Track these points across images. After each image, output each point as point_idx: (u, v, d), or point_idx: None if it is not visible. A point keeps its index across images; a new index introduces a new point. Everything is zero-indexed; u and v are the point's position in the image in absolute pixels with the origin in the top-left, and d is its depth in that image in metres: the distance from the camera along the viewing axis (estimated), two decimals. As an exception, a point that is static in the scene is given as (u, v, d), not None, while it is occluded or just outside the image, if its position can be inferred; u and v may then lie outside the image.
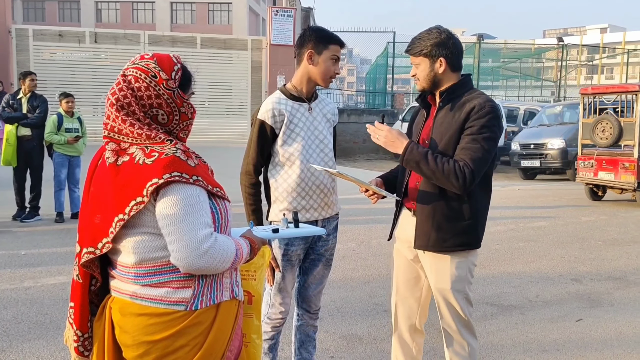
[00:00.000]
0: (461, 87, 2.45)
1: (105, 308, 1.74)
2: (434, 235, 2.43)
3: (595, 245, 6.70)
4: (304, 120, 2.66)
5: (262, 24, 41.85)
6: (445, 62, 2.40)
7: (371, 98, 25.36)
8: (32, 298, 4.50)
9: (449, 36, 2.43)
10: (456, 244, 2.44)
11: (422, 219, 2.46)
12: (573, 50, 31.77)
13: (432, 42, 2.39)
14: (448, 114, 2.41)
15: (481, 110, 2.33)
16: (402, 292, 2.68)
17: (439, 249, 2.45)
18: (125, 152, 1.66)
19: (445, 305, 2.52)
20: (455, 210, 2.41)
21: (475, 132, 2.32)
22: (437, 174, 2.31)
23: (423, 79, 2.44)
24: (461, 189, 2.31)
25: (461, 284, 2.49)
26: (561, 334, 4.01)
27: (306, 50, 2.62)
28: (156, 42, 17.66)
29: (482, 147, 2.31)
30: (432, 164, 2.31)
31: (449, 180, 2.30)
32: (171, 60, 1.73)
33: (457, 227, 2.42)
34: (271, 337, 2.78)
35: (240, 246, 1.75)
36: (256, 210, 2.66)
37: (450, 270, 2.46)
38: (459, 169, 2.28)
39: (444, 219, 2.42)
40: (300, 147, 2.63)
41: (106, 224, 1.65)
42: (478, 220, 2.46)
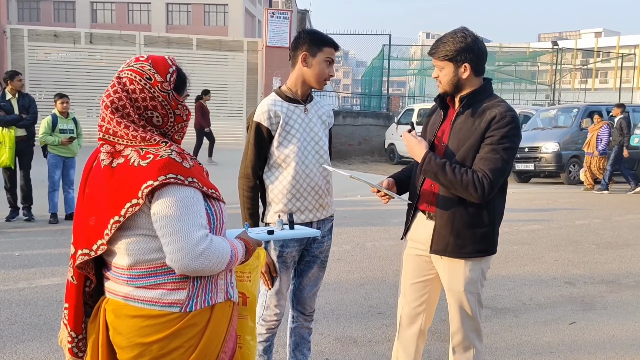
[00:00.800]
0: (481, 93, 2.44)
1: (99, 309, 1.74)
2: (453, 241, 2.44)
3: (589, 249, 6.73)
4: (300, 121, 2.67)
5: (258, 26, 41.86)
6: (469, 67, 2.38)
7: (367, 100, 25.40)
8: (26, 299, 4.48)
9: (474, 40, 2.40)
10: (474, 250, 2.45)
11: (441, 224, 2.46)
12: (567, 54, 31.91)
13: (457, 47, 2.36)
14: (468, 120, 2.41)
15: (502, 119, 2.33)
16: (408, 295, 2.68)
17: (457, 255, 2.45)
18: (120, 154, 1.67)
19: (457, 307, 2.52)
20: (474, 217, 2.42)
21: (495, 142, 2.32)
22: (455, 185, 2.32)
23: (446, 83, 2.43)
24: (479, 199, 2.33)
25: (474, 286, 2.50)
26: (554, 336, 4.03)
27: (300, 53, 2.64)
28: (152, 43, 17.65)
29: (502, 158, 2.32)
30: (450, 175, 2.32)
31: (468, 190, 2.31)
32: (166, 63, 1.73)
33: (476, 234, 2.43)
34: (266, 339, 2.78)
35: (235, 248, 1.75)
36: (253, 215, 2.66)
37: (465, 273, 2.47)
38: (477, 180, 2.29)
39: (463, 225, 2.42)
40: (296, 149, 2.63)
41: (101, 225, 1.66)
42: (495, 226, 2.48)
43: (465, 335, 2.54)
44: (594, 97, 31.54)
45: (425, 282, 2.63)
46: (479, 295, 2.53)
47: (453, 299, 2.53)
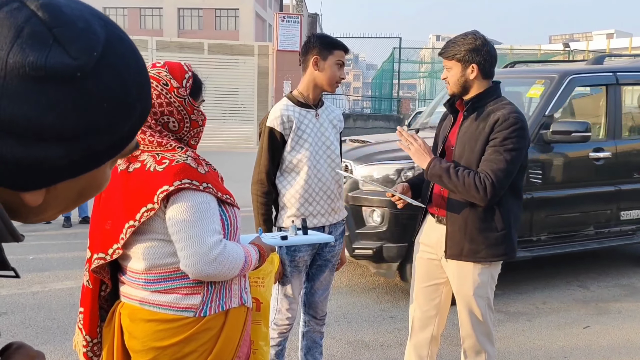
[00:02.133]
0: (486, 96, 2.43)
1: (114, 314, 1.76)
2: (467, 246, 2.43)
3: (603, 252, 6.66)
4: (312, 126, 2.68)
5: (268, 30, 42.01)
6: (477, 68, 2.39)
7: (377, 103, 25.38)
8: (39, 303, 4.52)
9: (484, 43, 2.42)
10: (490, 255, 2.44)
11: (454, 228, 2.45)
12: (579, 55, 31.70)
13: (466, 48, 2.38)
14: (473, 123, 2.41)
15: (505, 121, 2.32)
16: (420, 299, 2.68)
17: (473, 259, 2.44)
18: (136, 159, 1.68)
19: (467, 312, 2.52)
20: (487, 221, 2.41)
21: (497, 143, 2.32)
22: (458, 187, 2.32)
23: (453, 84, 2.44)
24: (483, 201, 2.32)
25: (484, 290, 2.49)
26: (568, 341, 3.99)
27: (311, 57, 2.65)
28: (164, 48, 17.77)
29: (504, 159, 2.31)
30: (453, 177, 2.32)
31: (470, 192, 2.31)
32: (182, 69, 1.75)
33: (490, 238, 2.42)
34: (278, 343, 2.79)
35: (249, 253, 1.76)
36: (267, 220, 2.67)
37: (473, 276, 2.47)
38: (479, 181, 2.29)
39: (476, 229, 2.42)
40: (308, 154, 2.64)
41: (117, 230, 1.67)
42: (511, 230, 2.46)
43: (476, 339, 2.53)
44: (607, 99, 31.23)
45: (437, 285, 2.63)
46: (489, 300, 2.52)
47: (463, 303, 2.52)
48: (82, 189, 0.66)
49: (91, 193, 0.68)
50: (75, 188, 0.64)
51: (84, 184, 0.65)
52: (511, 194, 2.43)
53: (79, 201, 0.67)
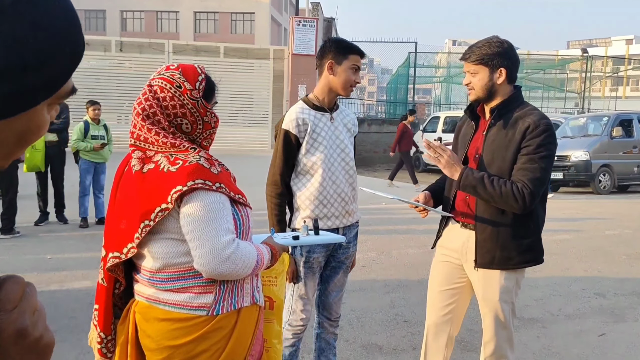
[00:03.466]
0: (512, 102, 2.41)
1: (129, 312, 1.78)
2: (499, 254, 2.41)
3: (620, 260, 6.58)
4: (327, 129, 2.70)
5: (284, 34, 42.16)
6: (505, 73, 2.37)
7: (392, 108, 25.36)
8: (57, 302, 4.58)
9: (511, 47, 2.40)
10: (522, 261, 2.44)
11: (484, 237, 2.43)
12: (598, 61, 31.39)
13: (494, 51, 2.35)
14: (501, 131, 2.38)
15: (537, 128, 2.30)
16: (437, 302, 2.66)
17: (505, 267, 2.43)
18: (150, 159, 1.71)
19: (492, 317, 2.50)
20: (519, 228, 2.40)
21: (531, 151, 2.30)
22: (495, 197, 2.31)
23: (480, 89, 2.39)
24: (521, 210, 2.31)
25: (509, 295, 2.48)
26: (584, 348, 3.95)
27: (327, 61, 2.67)
28: (180, 52, 17.93)
29: (540, 167, 2.30)
30: (489, 187, 2.30)
31: (508, 202, 2.30)
32: (195, 71, 1.77)
33: (522, 245, 2.41)
34: (292, 344, 2.80)
35: (261, 252, 1.78)
36: (281, 221, 2.69)
37: (500, 282, 2.45)
38: (517, 191, 2.28)
39: (508, 237, 2.40)
40: (323, 157, 2.66)
41: (132, 229, 1.70)
42: (539, 235, 2.47)
43: (498, 345, 2.51)
44: (625, 106, 30.90)
45: (455, 289, 2.61)
46: (513, 305, 2.51)
47: (487, 308, 2.50)
48: (21, 133, 0.67)
49: (31, 137, 0.69)
50: (12, 130, 0.65)
51: (21, 127, 0.66)
52: (540, 199, 2.42)
53: (20, 146, 0.68)
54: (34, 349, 0.68)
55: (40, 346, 0.69)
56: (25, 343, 0.67)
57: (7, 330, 0.65)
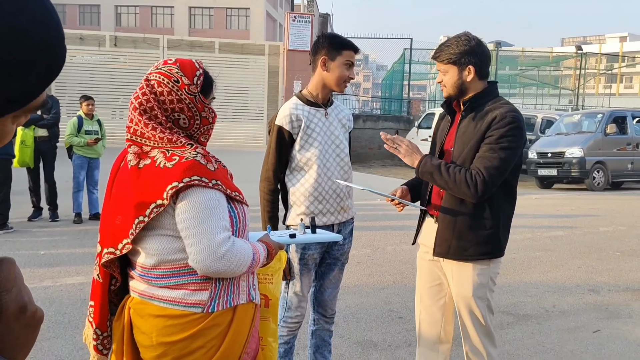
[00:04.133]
0: (485, 96, 2.44)
1: (124, 308, 1.77)
2: (455, 243, 2.43)
3: (614, 256, 6.61)
4: (321, 125, 2.69)
5: (279, 30, 42.06)
6: (473, 70, 2.39)
7: (387, 104, 25.35)
8: (51, 297, 4.55)
9: (479, 44, 2.41)
10: (478, 252, 2.44)
11: (443, 226, 2.46)
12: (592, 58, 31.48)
13: (461, 50, 2.37)
14: (471, 123, 2.41)
15: (502, 120, 2.32)
16: (425, 300, 2.67)
17: (460, 257, 2.45)
18: (147, 155, 1.69)
19: (467, 313, 2.51)
20: (476, 219, 2.41)
21: (493, 141, 2.32)
22: (449, 183, 2.32)
23: (450, 87, 2.43)
24: (474, 197, 2.31)
25: (482, 291, 2.48)
26: (578, 344, 3.96)
27: (320, 57, 2.66)
28: (175, 47, 17.85)
29: (498, 157, 2.30)
30: (444, 174, 2.32)
31: (461, 189, 2.31)
32: (193, 66, 1.75)
33: (478, 236, 2.42)
34: (287, 341, 2.79)
35: (257, 250, 1.76)
36: (273, 218, 2.68)
37: (472, 278, 2.46)
38: (470, 178, 2.29)
39: (465, 227, 2.41)
40: (318, 152, 2.65)
41: (127, 225, 1.68)
42: (500, 229, 2.45)
43: (477, 341, 2.52)
44: (619, 103, 31.05)
45: (441, 285, 2.62)
46: (488, 301, 2.51)
47: (462, 304, 2.51)
48: None
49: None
50: None
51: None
52: (504, 193, 2.43)
53: None
54: (31, 322, 0.75)
55: (36, 319, 0.75)
56: (24, 318, 0.73)
57: (10, 307, 0.71)
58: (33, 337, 0.76)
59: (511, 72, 29.79)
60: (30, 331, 0.75)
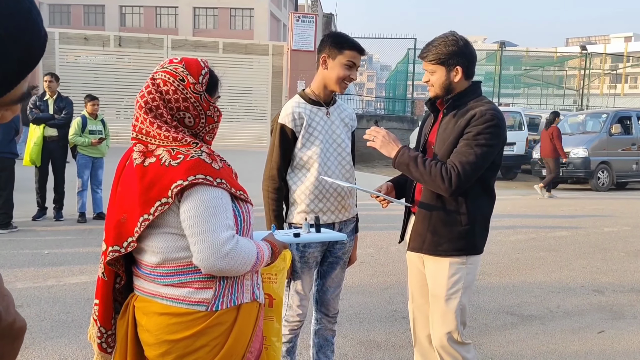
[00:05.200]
0: (467, 95, 2.44)
1: (128, 306, 1.77)
2: (429, 237, 2.44)
3: (618, 257, 6.59)
4: (322, 124, 2.68)
5: (283, 30, 42.06)
6: (461, 71, 2.40)
7: (391, 104, 25.33)
8: (54, 297, 4.57)
9: (466, 44, 2.41)
10: (451, 248, 2.43)
11: (418, 220, 2.47)
12: (596, 58, 31.39)
13: (449, 50, 2.37)
14: (451, 120, 2.43)
15: (481, 117, 2.33)
16: (417, 299, 2.68)
17: (433, 252, 2.45)
18: (152, 153, 1.69)
19: (438, 312, 2.48)
20: (452, 215, 2.41)
21: (470, 137, 2.33)
22: (424, 176, 2.33)
23: (438, 87, 2.43)
24: (448, 191, 2.31)
25: (456, 292, 2.46)
26: (582, 345, 3.95)
27: (321, 55, 2.65)
28: (179, 47, 17.88)
29: (474, 152, 2.30)
30: (420, 166, 2.32)
31: (436, 182, 2.31)
32: (199, 65, 1.76)
33: (452, 232, 2.41)
34: (289, 340, 2.79)
35: (261, 249, 1.76)
36: (278, 216, 2.68)
37: (446, 276, 2.45)
38: (445, 171, 2.29)
39: (440, 222, 2.42)
40: (319, 151, 2.65)
41: (132, 223, 1.68)
42: (476, 226, 2.44)
43: (447, 345, 2.49)
44: (624, 103, 30.93)
45: None
46: (462, 304, 2.48)
47: (434, 304, 2.50)
48: None
49: None
50: None
51: None
52: (481, 190, 2.43)
53: None
54: (8, 333, 0.69)
55: (15, 330, 0.70)
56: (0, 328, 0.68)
57: None
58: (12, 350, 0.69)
59: (515, 72, 29.72)
60: (8, 343, 0.69)
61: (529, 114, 17.99)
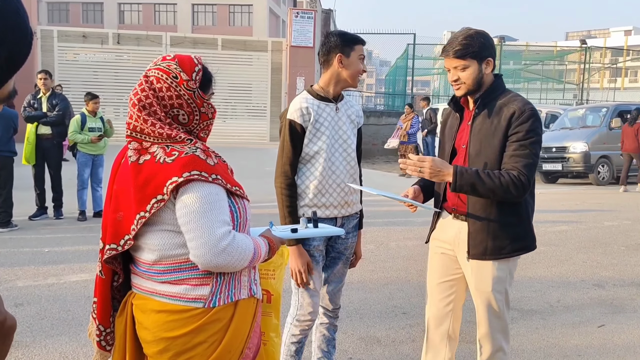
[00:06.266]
0: (495, 90, 2.43)
1: (126, 304, 1.77)
2: (491, 244, 2.41)
3: (618, 251, 6.59)
4: (330, 119, 2.69)
5: (282, 26, 42.00)
6: (492, 62, 2.41)
7: (391, 100, 25.30)
8: (55, 295, 4.57)
9: (489, 36, 2.44)
10: (515, 249, 2.44)
11: (476, 228, 2.42)
12: (596, 52, 31.33)
13: (479, 42, 2.36)
14: (486, 120, 2.39)
15: (522, 114, 2.31)
16: (435, 295, 2.65)
17: (498, 256, 2.43)
18: (146, 151, 1.69)
19: (485, 308, 2.49)
20: (508, 216, 2.41)
21: (521, 137, 2.31)
22: (496, 190, 2.29)
23: (471, 82, 2.38)
24: (520, 198, 2.33)
25: (502, 286, 2.47)
26: (583, 339, 3.95)
27: (335, 55, 2.67)
28: (178, 44, 17.86)
29: (531, 152, 2.32)
30: (488, 182, 2.28)
31: (509, 192, 2.29)
32: (192, 62, 1.75)
33: (513, 234, 2.42)
34: (298, 340, 2.76)
35: (258, 245, 1.76)
36: (292, 213, 2.65)
37: (493, 272, 2.45)
38: (516, 179, 2.28)
39: (498, 227, 2.40)
40: (325, 146, 2.65)
41: (128, 221, 1.68)
42: (529, 222, 2.48)
43: (493, 336, 2.51)
44: (624, 97, 30.88)
45: (452, 281, 2.60)
46: (506, 295, 2.50)
47: (480, 299, 2.49)
48: None
49: None
50: None
51: None
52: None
53: None
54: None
55: (5, 329, 0.70)
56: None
57: None
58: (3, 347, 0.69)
59: (515, 66, 29.68)
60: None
61: (529, 108, 17.92)
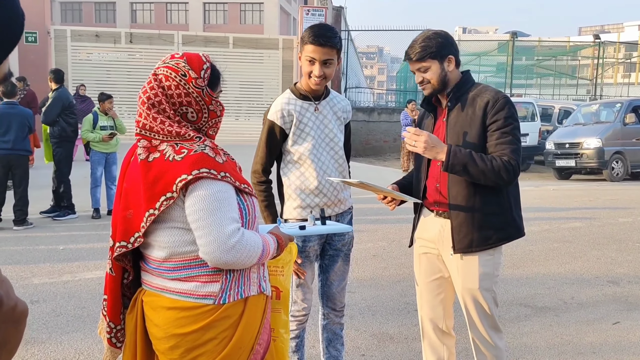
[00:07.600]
0: (465, 84, 2.47)
1: (136, 301, 1.79)
2: (477, 235, 2.41)
3: (633, 247, 6.52)
4: (314, 119, 2.67)
5: (293, 24, 42.00)
6: (453, 59, 2.44)
7: (402, 97, 25.20)
8: (70, 292, 4.62)
9: (447, 35, 2.48)
10: (500, 238, 2.44)
11: (459, 221, 2.42)
12: (610, 47, 30.95)
13: (437, 43, 2.40)
14: (460, 113, 2.42)
15: (497, 102, 2.36)
16: (425, 295, 2.66)
17: (484, 247, 2.42)
18: (156, 149, 1.70)
19: (473, 305, 2.49)
20: (492, 206, 2.41)
21: (501, 125, 2.34)
22: (487, 173, 2.29)
23: (436, 81, 2.43)
24: (510, 182, 2.35)
25: (488, 282, 2.47)
26: (597, 336, 3.92)
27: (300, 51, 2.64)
28: (189, 42, 17.93)
29: (514, 138, 2.35)
30: (480, 163, 2.29)
31: (499, 176, 2.30)
32: (200, 60, 1.76)
33: (497, 222, 2.42)
34: (297, 334, 2.78)
35: (267, 242, 1.77)
36: (269, 206, 2.67)
37: (478, 269, 2.44)
38: (507, 164, 2.30)
39: (483, 217, 2.40)
40: (311, 147, 2.64)
41: (138, 218, 1.70)
42: (513, 210, 2.47)
43: (484, 333, 2.50)
44: (638, 92, 30.51)
45: (440, 279, 2.61)
46: (494, 292, 2.49)
47: (469, 298, 2.49)
48: None
49: None
50: None
51: None
52: None
53: None
54: (10, 317, 0.69)
55: (17, 314, 0.70)
56: (1, 312, 0.67)
57: None
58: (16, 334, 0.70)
59: (528, 62, 29.38)
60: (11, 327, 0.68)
61: (541, 104, 17.80)
